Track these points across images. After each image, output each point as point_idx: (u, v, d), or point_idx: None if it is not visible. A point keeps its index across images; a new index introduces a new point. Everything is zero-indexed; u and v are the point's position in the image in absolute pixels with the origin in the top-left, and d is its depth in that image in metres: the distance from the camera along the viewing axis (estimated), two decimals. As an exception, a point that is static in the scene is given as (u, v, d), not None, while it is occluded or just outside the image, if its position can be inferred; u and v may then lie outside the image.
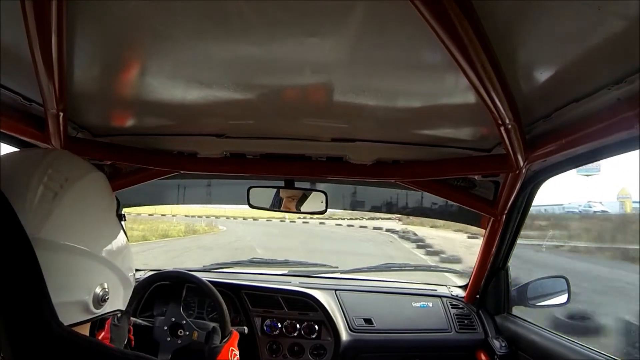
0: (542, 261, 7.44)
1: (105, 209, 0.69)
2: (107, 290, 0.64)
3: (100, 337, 1.67)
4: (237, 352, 1.49)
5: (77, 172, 0.65)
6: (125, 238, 0.73)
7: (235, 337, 1.55)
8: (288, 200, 1.60)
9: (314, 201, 1.58)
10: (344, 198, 1.91)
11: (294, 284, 1.91)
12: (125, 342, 1.44)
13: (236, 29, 0.72)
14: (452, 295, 1.91)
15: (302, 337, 1.73)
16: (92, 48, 0.83)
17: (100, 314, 0.64)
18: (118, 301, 0.69)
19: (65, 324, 0.56)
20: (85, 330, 0.66)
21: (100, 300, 0.63)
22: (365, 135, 1.29)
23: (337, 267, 2.26)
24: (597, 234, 10.47)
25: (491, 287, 1.77)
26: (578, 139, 0.94)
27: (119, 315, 0.71)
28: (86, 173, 0.67)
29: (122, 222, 0.75)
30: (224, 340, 1.51)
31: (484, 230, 1.66)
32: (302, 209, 1.60)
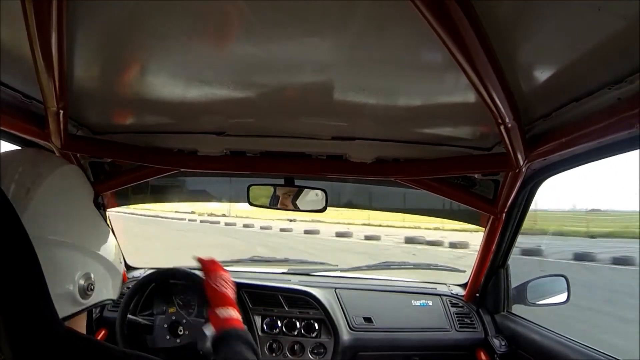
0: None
1: (81, 199, 0.70)
2: (92, 279, 0.65)
3: (100, 336, 1.68)
4: (220, 272, 1.31)
5: (48, 167, 0.66)
6: (107, 227, 0.74)
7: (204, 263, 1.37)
8: (288, 198, 1.60)
9: (314, 199, 1.58)
10: (343, 196, 1.91)
11: (294, 282, 1.91)
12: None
13: (236, 29, 0.72)
14: (452, 293, 1.91)
15: (302, 335, 1.73)
16: (92, 46, 0.83)
17: (91, 304, 0.65)
18: (107, 290, 0.70)
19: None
20: (81, 323, 0.67)
21: (86, 290, 0.64)
22: (366, 134, 1.29)
23: (337, 266, 2.27)
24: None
25: (491, 286, 1.77)
26: (578, 138, 0.94)
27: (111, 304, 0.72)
28: (57, 166, 0.67)
29: (103, 211, 0.76)
30: None
31: (484, 229, 1.66)
32: (302, 207, 1.60)
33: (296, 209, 1.60)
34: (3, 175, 0.60)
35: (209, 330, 1.09)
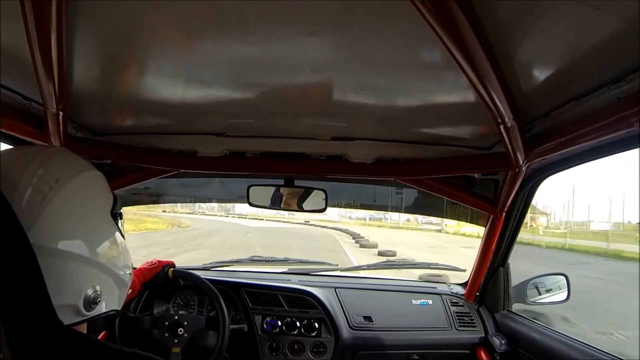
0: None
1: (98, 209, 0.67)
2: (99, 292, 0.63)
3: (100, 336, 1.68)
4: None
5: (69, 172, 0.63)
6: (121, 237, 0.71)
7: None
8: (288, 198, 1.60)
9: (314, 199, 1.59)
10: (343, 196, 1.92)
11: (294, 282, 1.91)
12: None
13: (236, 29, 0.72)
14: (452, 292, 1.92)
15: (302, 334, 1.73)
16: (91, 47, 0.83)
17: (93, 315, 0.64)
18: (113, 302, 0.68)
19: None
20: (83, 326, 0.65)
21: (91, 303, 0.62)
22: (365, 134, 1.30)
23: (337, 265, 2.27)
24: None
25: (491, 285, 1.77)
26: (577, 138, 0.94)
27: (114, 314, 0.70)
28: (78, 172, 0.65)
29: (119, 221, 0.73)
30: None
31: (484, 228, 1.66)
32: (302, 207, 1.60)
33: (296, 209, 1.60)
34: (20, 174, 0.58)
35: None
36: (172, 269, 1.61)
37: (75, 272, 0.61)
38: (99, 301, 0.64)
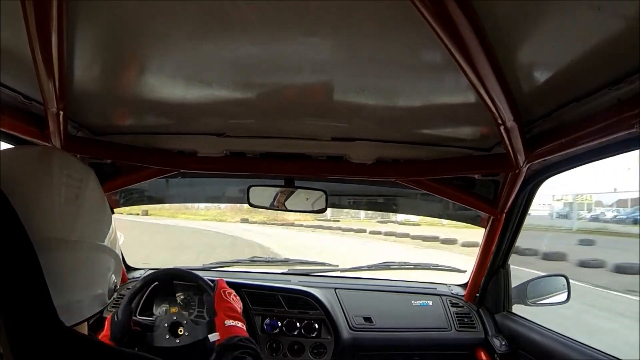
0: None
1: (105, 202, 0.71)
2: (115, 280, 0.68)
3: (100, 337, 1.68)
4: (232, 291, 1.37)
5: (85, 173, 0.67)
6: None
7: (221, 282, 1.42)
8: (288, 199, 1.60)
9: (314, 200, 1.59)
10: (343, 197, 1.92)
11: (294, 283, 1.91)
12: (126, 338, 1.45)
13: (236, 29, 0.72)
14: (452, 293, 1.91)
15: (302, 335, 1.73)
16: (92, 47, 0.83)
17: (108, 302, 0.68)
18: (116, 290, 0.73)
19: (84, 317, 0.60)
20: (84, 329, 0.67)
21: (113, 291, 0.67)
22: (366, 135, 1.30)
23: (337, 266, 2.26)
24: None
25: (491, 286, 1.77)
26: (578, 139, 0.94)
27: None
28: (90, 172, 0.69)
29: None
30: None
31: (484, 229, 1.66)
32: (302, 207, 1.60)
33: (296, 210, 1.60)
34: (50, 178, 0.60)
35: (214, 337, 1.15)
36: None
37: (105, 262, 0.65)
38: (117, 288, 0.69)
